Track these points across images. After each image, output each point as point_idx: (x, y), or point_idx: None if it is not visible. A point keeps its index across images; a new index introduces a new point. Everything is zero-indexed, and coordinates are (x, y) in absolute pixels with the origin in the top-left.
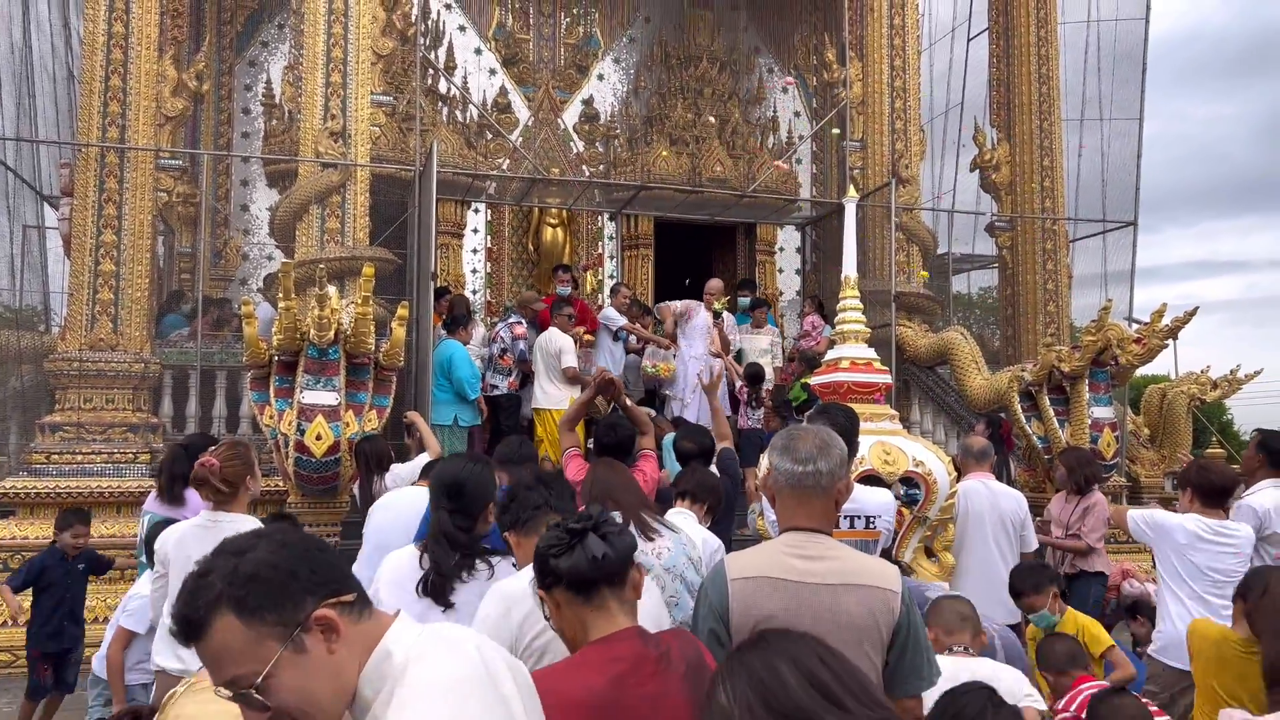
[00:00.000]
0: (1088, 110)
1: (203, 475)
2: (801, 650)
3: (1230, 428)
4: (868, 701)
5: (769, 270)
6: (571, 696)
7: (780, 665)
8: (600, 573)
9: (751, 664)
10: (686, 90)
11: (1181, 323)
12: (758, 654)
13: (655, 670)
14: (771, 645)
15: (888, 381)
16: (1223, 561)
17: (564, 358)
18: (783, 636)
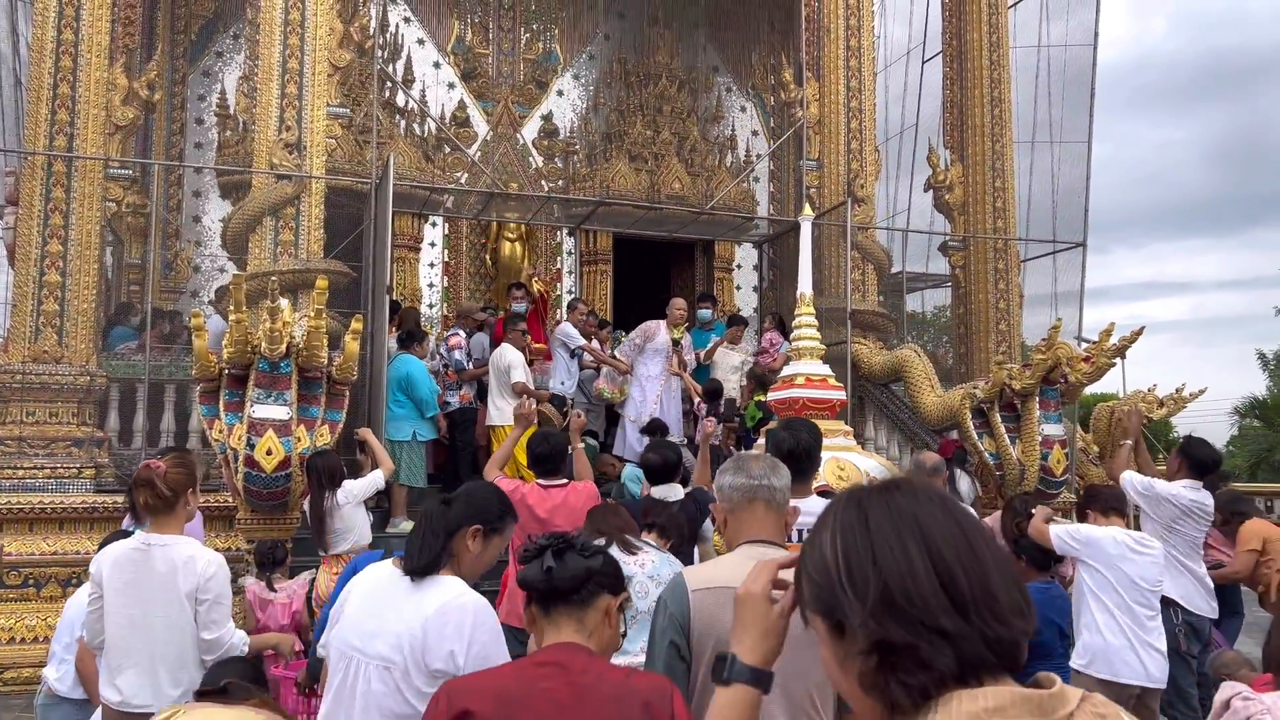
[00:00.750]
0: (1039, 133)
1: (146, 476)
2: (946, 530)
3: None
4: (996, 615)
5: (727, 287)
6: (482, 685)
7: (911, 544)
8: (550, 585)
9: (882, 526)
10: (646, 107)
11: (1129, 342)
12: (893, 514)
13: (573, 680)
14: (913, 509)
15: (842, 398)
16: (1150, 571)
17: (513, 372)
18: (931, 499)
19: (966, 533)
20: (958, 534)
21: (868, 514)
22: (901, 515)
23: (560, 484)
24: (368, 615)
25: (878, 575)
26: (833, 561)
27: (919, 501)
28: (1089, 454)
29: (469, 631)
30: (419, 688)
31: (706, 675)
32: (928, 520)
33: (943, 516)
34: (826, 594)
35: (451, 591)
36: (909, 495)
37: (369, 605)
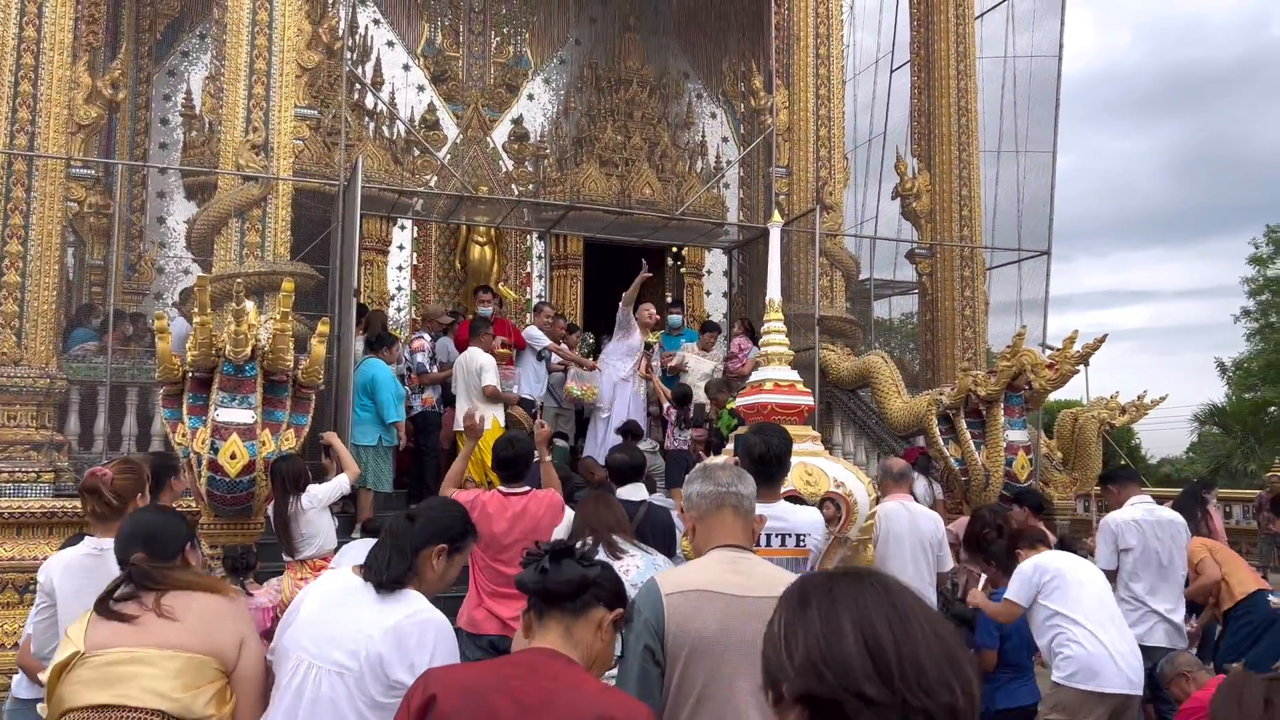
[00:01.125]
0: (1005, 143)
1: (92, 484)
2: (882, 607)
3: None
4: (923, 687)
5: (696, 292)
6: (455, 676)
7: (844, 617)
8: (544, 588)
9: (821, 602)
10: (616, 113)
11: (1092, 349)
12: (834, 593)
13: (543, 685)
14: (854, 589)
15: (810, 403)
16: (1101, 580)
17: (484, 376)
18: (875, 583)
19: (903, 611)
20: (893, 611)
21: (812, 595)
22: (842, 594)
23: (522, 491)
24: (326, 620)
25: (808, 640)
26: (776, 635)
27: (861, 584)
28: (1052, 460)
29: (431, 646)
30: (374, 697)
31: (679, 680)
32: (866, 598)
33: (882, 595)
34: (772, 665)
35: (415, 606)
36: (853, 580)
37: (328, 610)
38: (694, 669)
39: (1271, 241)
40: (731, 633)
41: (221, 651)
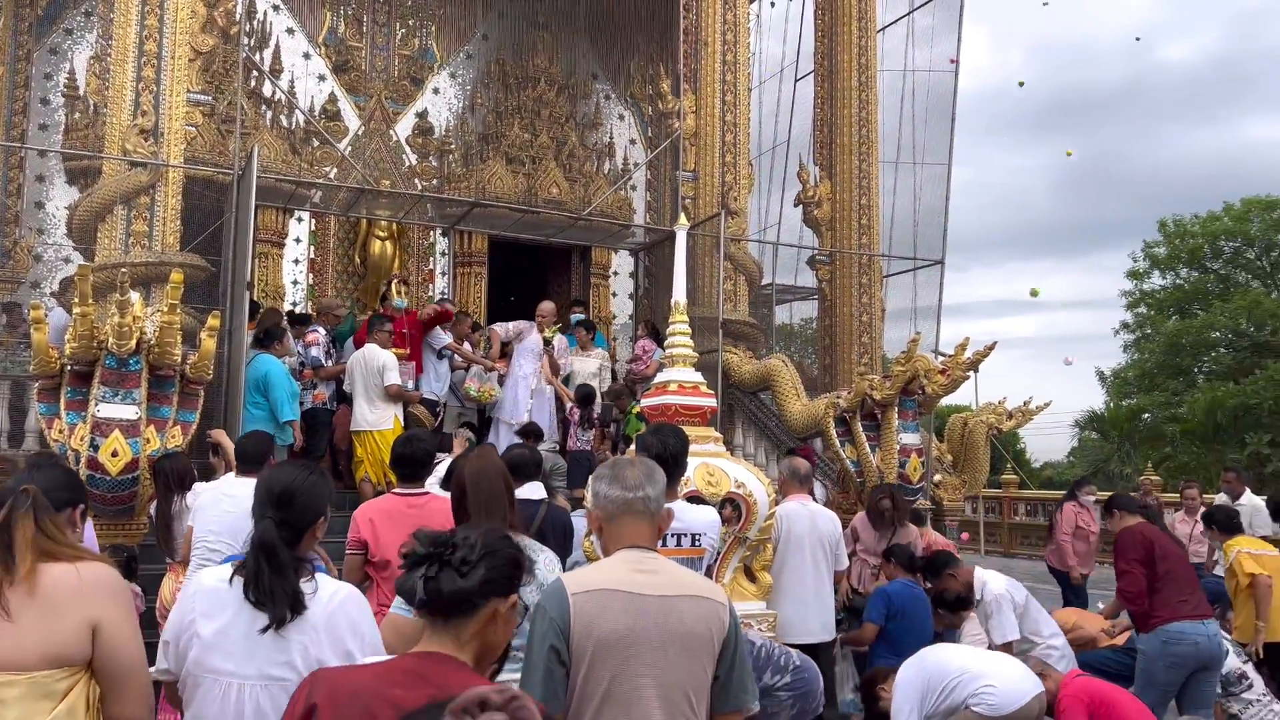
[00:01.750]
0: (903, 154)
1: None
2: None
3: (1023, 455)
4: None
5: (603, 293)
6: (342, 680)
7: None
8: (424, 602)
9: None
10: (524, 110)
11: (981, 356)
12: None
13: (433, 695)
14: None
15: (713, 405)
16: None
17: (386, 374)
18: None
19: None
20: None
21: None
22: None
23: (420, 493)
24: (235, 636)
25: None
26: None
27: None
28: (943, 462)
29: (359, 625)
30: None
31: (584, 679)
32: None
33: None
34: None
35: (326, 592)
36: None
37: (232, 624)
38: (600, 668)
39: (1148, 257)
40: (637, 632)
41: (64, 653)
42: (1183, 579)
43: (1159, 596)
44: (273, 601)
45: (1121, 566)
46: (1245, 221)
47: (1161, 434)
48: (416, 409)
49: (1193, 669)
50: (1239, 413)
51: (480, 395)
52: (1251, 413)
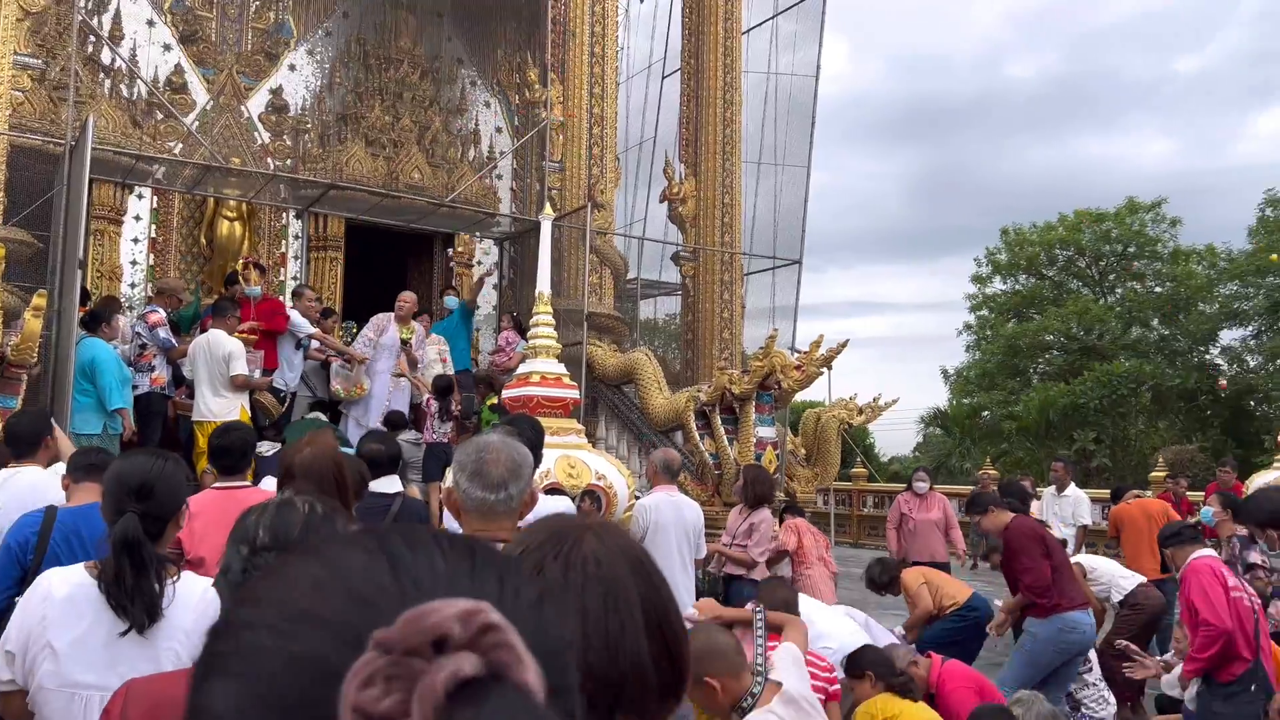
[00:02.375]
0: (765, 156)
1: None
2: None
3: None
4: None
5: (465, 282)
6: (157, 690)
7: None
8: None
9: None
10: (385, 92)
11: (834, 353)
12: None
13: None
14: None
15: (576, 397)
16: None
17: (233, 363)
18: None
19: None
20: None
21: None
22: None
23: (240, 486)
24: (94, 645)
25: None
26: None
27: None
28: (797, 456)
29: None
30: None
31: None
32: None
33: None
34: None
35: (194, 590)
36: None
37: (91, 632)
38: None
39: (990, 263)
40: None
41: None
42: (1068, 569)
43: (1056, 587)
44: (135, 604)
45: (1025, 563)
46: (1078, 232)
47: (999, 430)
48: (263, 397)
49: (1074, 654)
50: (1069, 411)
51: (351, 395)
52: (1080, 411)
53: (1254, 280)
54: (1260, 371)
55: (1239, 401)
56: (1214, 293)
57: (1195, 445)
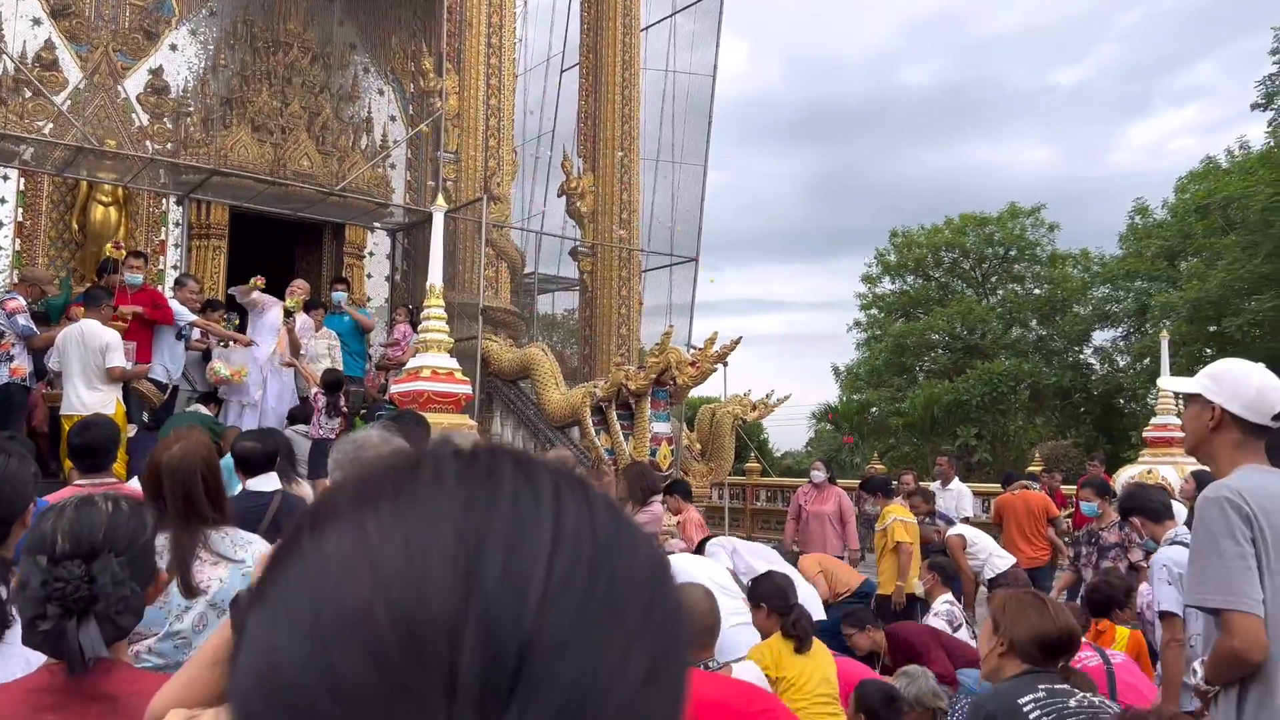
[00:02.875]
0: (663, 153)
1: None
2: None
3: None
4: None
5: (357, 274)
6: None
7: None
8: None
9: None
10: (273, 76)
11: (728, 350)
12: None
13: (75, 706)
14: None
15: (468, 392)
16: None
17: (110, 355)
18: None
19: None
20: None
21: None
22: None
23: (102, 483)
24: None
25: None
26: None
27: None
28: (692, 451)
29: None
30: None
31: None
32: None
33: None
34: None
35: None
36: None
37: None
38: None
39: (880, 264)
40: None
41: None
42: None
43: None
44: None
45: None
46: (962, 235)
47: (887, 426)
48: (142, 385)
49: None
50: (952, 408)
51: (230, 377)
52: (962, 408)
53: (1124, 284)
54: (1129, 371)
55: (1109, 399)
56: (1087, 295)
57: (1069, 440)
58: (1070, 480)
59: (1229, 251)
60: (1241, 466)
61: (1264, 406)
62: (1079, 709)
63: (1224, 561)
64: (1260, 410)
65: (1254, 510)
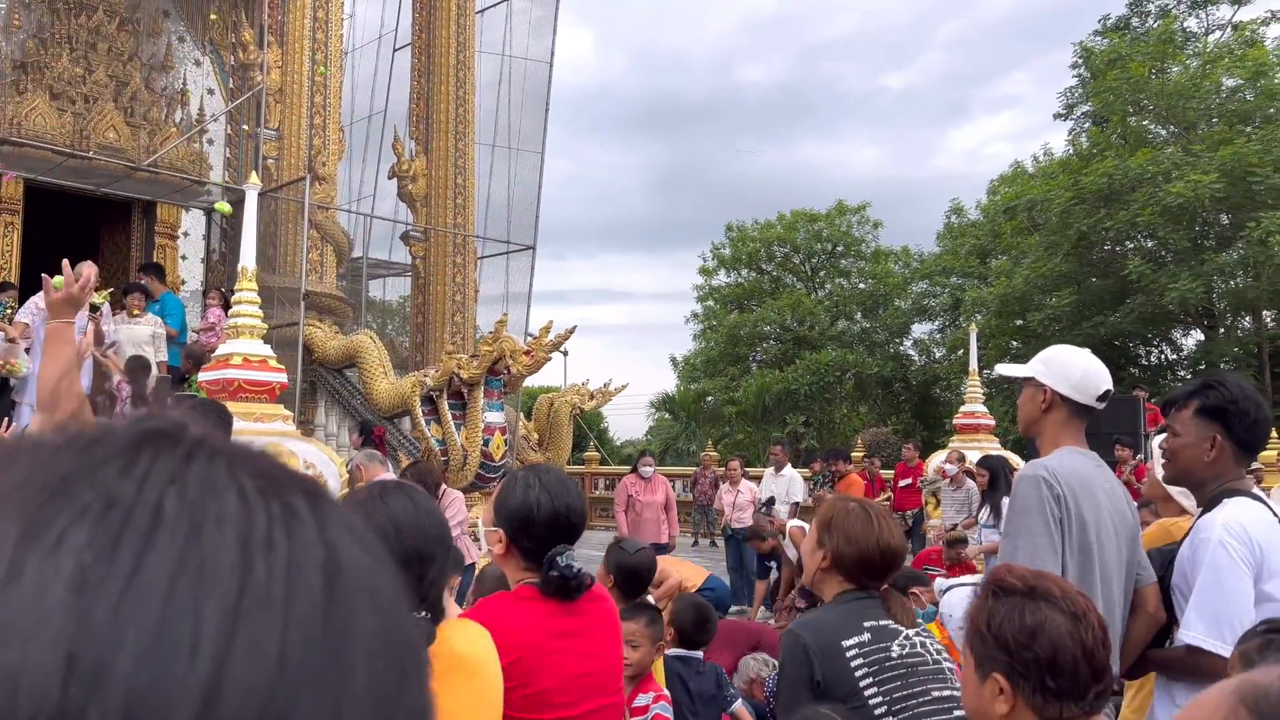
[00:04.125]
0: (500, 139)
1: None
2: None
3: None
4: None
5: (170, 255)
6: None
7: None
8: None
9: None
10: (75, 41)
11: (563, 339)
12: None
13: None
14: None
15: (283, 380)
16: None
17: None
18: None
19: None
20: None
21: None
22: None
23: None
24: None
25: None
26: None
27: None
28: (529, 440)
29: None
30: None
31: None
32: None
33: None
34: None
35: None
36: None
37: None
38: None
39: (716, 257)
40: None
41: None
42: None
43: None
44: None
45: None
46: (793, 230)
47: (721, 415)
48: None
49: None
50: (782, 396)
51: (10, 370)
52: (792, 396)
53: (940, 280)
54: (944, 361)
55: (927, 389)
56: (908, 290)
57: (889, 428)
58: (889, 465)
59: (1033, 251)
60: (1062, 447)
61: (1089, 388)
62: (900, 660)
63: (1031, 538)
64: (1086, 391)
65: (1064, 490)
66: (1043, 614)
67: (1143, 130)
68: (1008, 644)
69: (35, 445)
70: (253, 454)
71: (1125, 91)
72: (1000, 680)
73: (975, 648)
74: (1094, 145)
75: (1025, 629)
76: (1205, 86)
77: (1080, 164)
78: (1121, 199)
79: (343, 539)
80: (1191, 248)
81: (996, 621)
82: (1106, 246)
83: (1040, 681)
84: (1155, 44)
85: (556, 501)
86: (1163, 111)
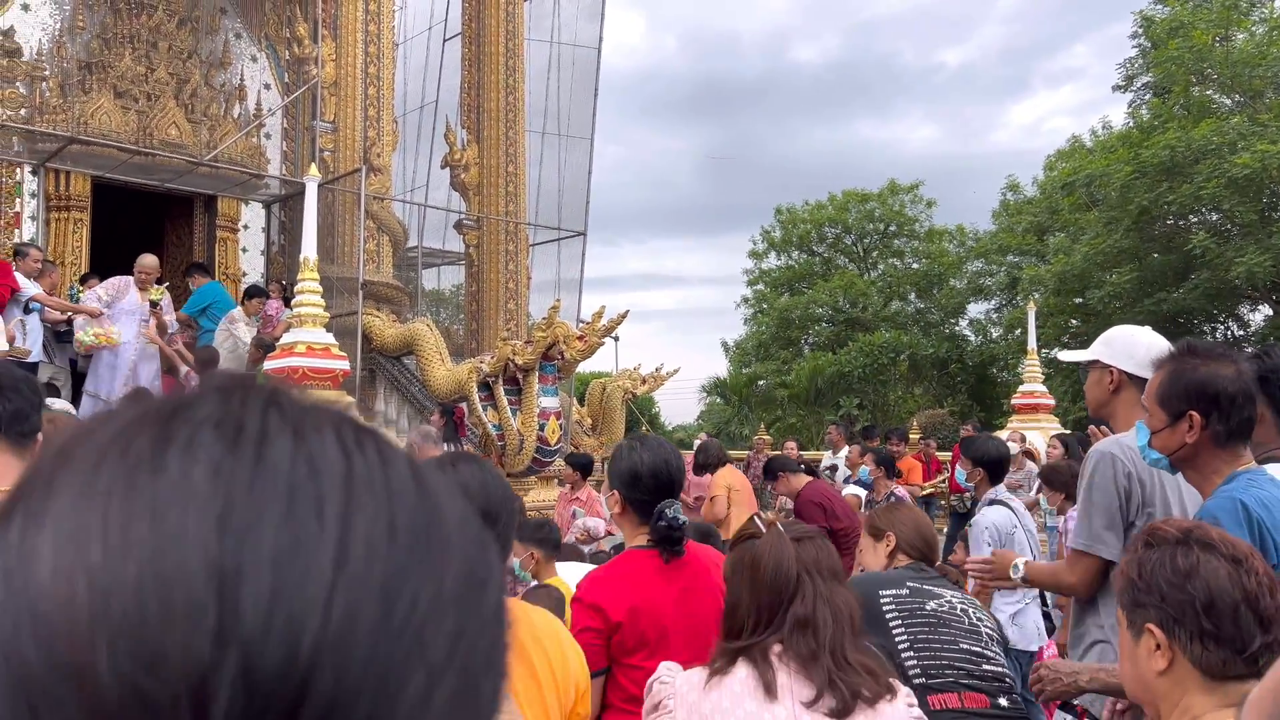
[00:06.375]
0: (550, 126)
1: None
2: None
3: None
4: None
5: (231, 248)
6: None
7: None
8: None
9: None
10: (137, 40)
11: (615, 324)
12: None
13: None
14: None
15: (345, 368)
16: None
17: None
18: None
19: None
20: None
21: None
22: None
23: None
24: None
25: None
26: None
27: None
28: (583, 425)
29: None
30: None
31: None
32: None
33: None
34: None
35: None
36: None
37: None
38: None
39: (766, 240)
40: None
41: None
42: (854, 532)
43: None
44: None
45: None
46: (844, 211)
47: (773, 398)
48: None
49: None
50: (835, 379)
51: (99, 340)
52: (845, 379)
53: (996, 259)
54: (1000, 342)
55: (983, 369)
56: (963, 270)
57: (945, 409)
58: (946, 447)
59: (1091, 227)
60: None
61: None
62: (932, 613)
63: (1096, 511)
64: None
65: (1133, 469)
66: (1196, 556)
67: (1206, 100)
68: (1160, 589)
69: (137, 395)
70: (326, 402)
71: (1187, 60)
72: (1155, 632)
73: (1126, 602)
74: (1155, 117)
75: (1179, 570)
76: (1272, 53)
77: (1141, 136)
78: (1184, 172)
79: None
80: (1259, 220)
81: (1149, 569)
82: (1169, 221)
83: (1198, 627)
84: (1219, 10)
85: (655, 457)
86: (1227, 80)
